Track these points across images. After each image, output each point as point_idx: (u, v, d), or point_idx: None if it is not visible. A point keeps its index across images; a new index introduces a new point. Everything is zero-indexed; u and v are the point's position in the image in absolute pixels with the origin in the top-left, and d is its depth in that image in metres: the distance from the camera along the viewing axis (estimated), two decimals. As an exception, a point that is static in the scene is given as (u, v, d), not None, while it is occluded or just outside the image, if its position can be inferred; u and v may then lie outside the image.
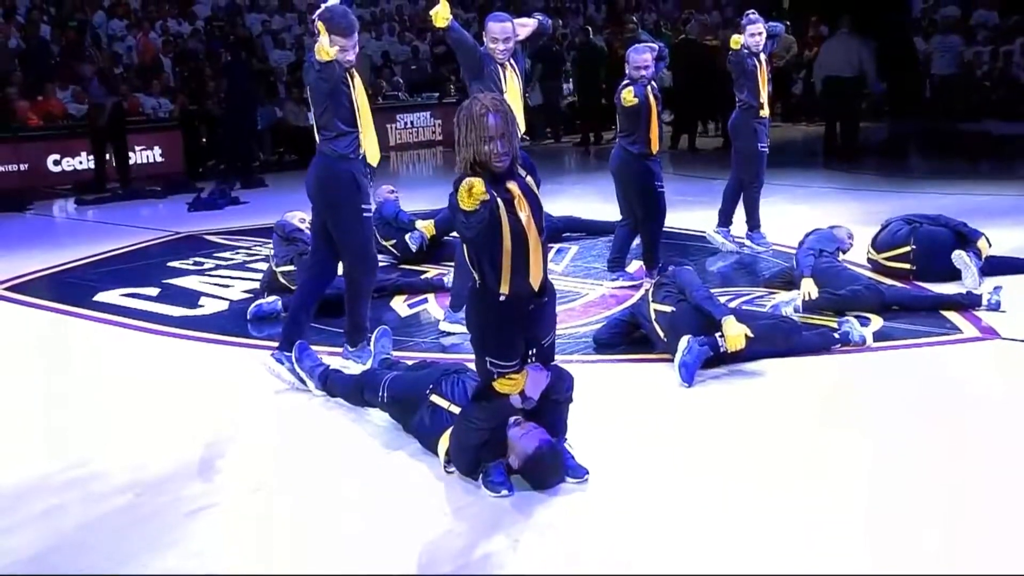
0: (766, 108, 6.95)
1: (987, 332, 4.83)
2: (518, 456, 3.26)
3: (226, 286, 6.59)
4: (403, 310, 5.83)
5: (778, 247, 6.93)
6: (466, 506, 3.20)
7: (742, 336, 4.30)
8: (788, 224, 7.07)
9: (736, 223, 7.17)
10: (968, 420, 3.82)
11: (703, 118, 14.76)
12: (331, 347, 4.86)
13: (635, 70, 5.94)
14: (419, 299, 6.01)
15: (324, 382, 4.26)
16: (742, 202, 7.13)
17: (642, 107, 5.90)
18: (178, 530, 3.12)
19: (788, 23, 8.24)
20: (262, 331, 5.45)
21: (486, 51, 4.91)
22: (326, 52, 4.05)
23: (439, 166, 14.30)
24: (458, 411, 3.47)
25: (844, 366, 4.48)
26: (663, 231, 6.26)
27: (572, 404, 3.43)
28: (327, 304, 4.96)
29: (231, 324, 5.63)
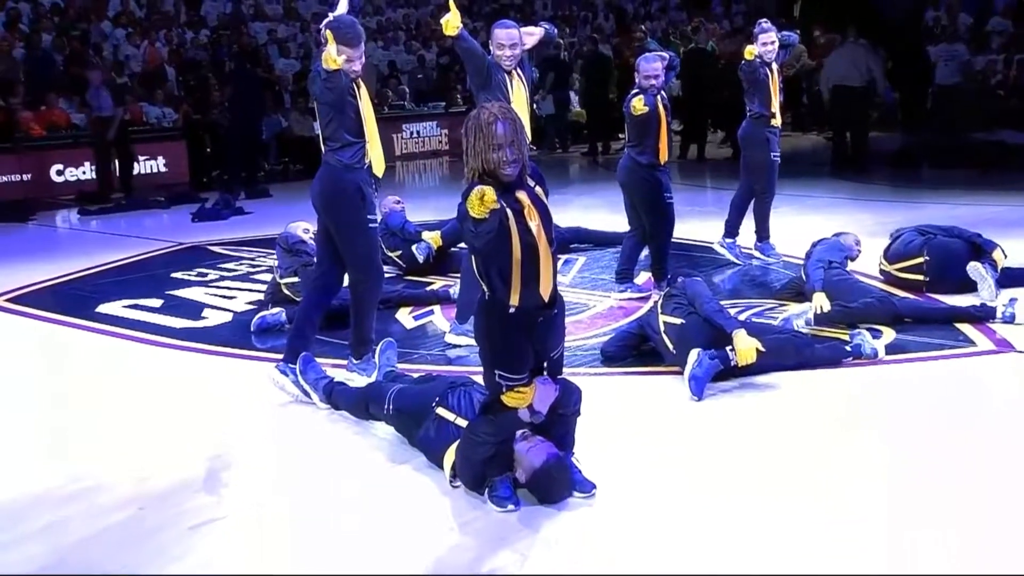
0: (778, 117, 6.96)
1: (1002, 345, 4.81)
2: (525, 470, 3.26)
3: (230, 297, 6.61)
4: (408, 322, 5.83)
5: (787, 258, 6.92)
6: (472, 520, 3.20)
7: (753, 350, 4.31)
8: (797, 235, 7.06)
9: (744, 234, 7.17)
10: (983, 435, 3.81)
11: (712, 127, 14.78)
12: (335, 359, 4.87)
13: (645, 79, 5.95)
14: (425, 311, 6.02)
15: (328, 395, 4.27)
16: (752, 212, 7.13)
17: (652, 117, 5.92)
18: (181, 544, 3.13)
19: (798, 31, 8.26)
20: (266, 343, 5.46)
21: (493, 60, 4.94)
22: (333, 61, 4.08)
23: (445, 176, 14.34)
24: (464, 424, 3.47)
25: (856, 380, 4.47)
26: (672, 242, 6.27)
27: (580, 417, 3.43)
28: (332, 316, 4.97)
29: (235, 336, 5.65)
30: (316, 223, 4.69)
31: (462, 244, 5.78)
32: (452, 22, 4.62)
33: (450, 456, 3.43)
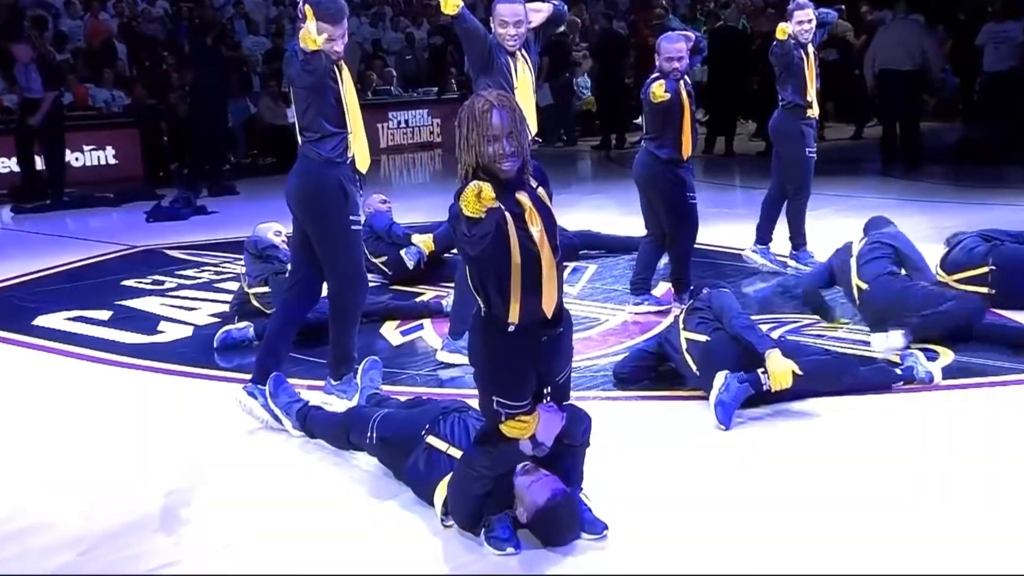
0: (814, 107, 6.98)
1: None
2: (527, 508, 3.28)
3: (190, 309, 6.64)
4: (395, 338, 5.87)
5: (829, 268, 6.94)
6: (466, 564, 3.22)
7: (789, 373, 4.32)
8: (839, 241, 7.07)
9: (778, 239, 7.20)
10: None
11: (742, 117, 14.82)
12: (311, 380, 4.90)
13: (667, 61, 5.95)
14: (414, 325, 6.05)
15: (303, 421, 4.30)
16: (784, 216, 7.16)
17: (674, 105, 5.91)
18: (133, 593, 3.15)
19: (843, 7, 8.28)
20: (231, 361, 5.49)
21: (495, 40, 4.97)
22: (312, 40, 4.09)
23: (437, 172, 14.40)
24: (458, 455, 3.49)
25: (908, 407, 4.48)
26: (695, 248, 6.29)
27: (589, 449, 3.45)
28: (308, 331, 5.00)
29: (195, 353, 5.67)
30: (291, 225, 4.73)
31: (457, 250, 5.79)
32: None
33: (442, 491, 3.45)
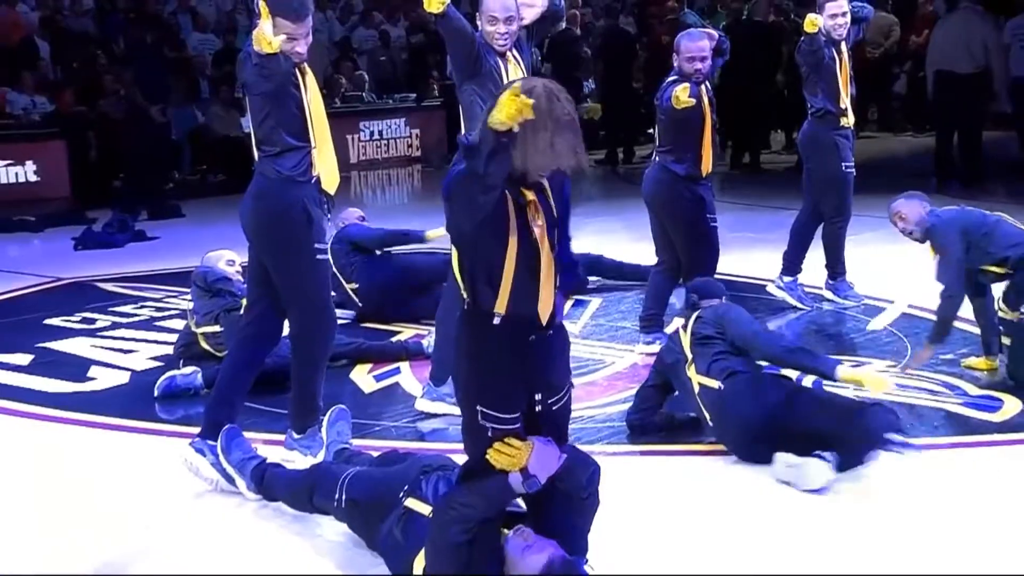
0: (849, 115, 7.00)
1: None
2: (520, 578, 3.28)
3: (127, 352, 6.63)
4: (368, 383, 5.87)
5: (871, 301, 6.98)
6: (452, 649, 3.23)
7: (883, 380, 4.56)
8: (884, 270, 7.13)
9: (812, 269, 7.22)
10: None
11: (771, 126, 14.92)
12: (270, 433, 4.91)
13: (687, 62, 5.93)
14: (389, 369, 6.06)
15: (260, 481, 4.29)
16: (820, 241, 7.19)
17: (695, 113, 5.93)
18: None
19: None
20: (175, 413, 5.49)
21: (483, 41, 5.03)
22: (267, 43, 4.12)
23: (417, 191, 14.41)
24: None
25: (973, 461, 4.52)
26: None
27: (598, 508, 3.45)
28: (266, 377, 4.99)
29: (133, 403, 5.66)
30: (246, 253, 4.74)
31: (442, 280, 5.76)
32: None
33: (421, 562, 3.44)
